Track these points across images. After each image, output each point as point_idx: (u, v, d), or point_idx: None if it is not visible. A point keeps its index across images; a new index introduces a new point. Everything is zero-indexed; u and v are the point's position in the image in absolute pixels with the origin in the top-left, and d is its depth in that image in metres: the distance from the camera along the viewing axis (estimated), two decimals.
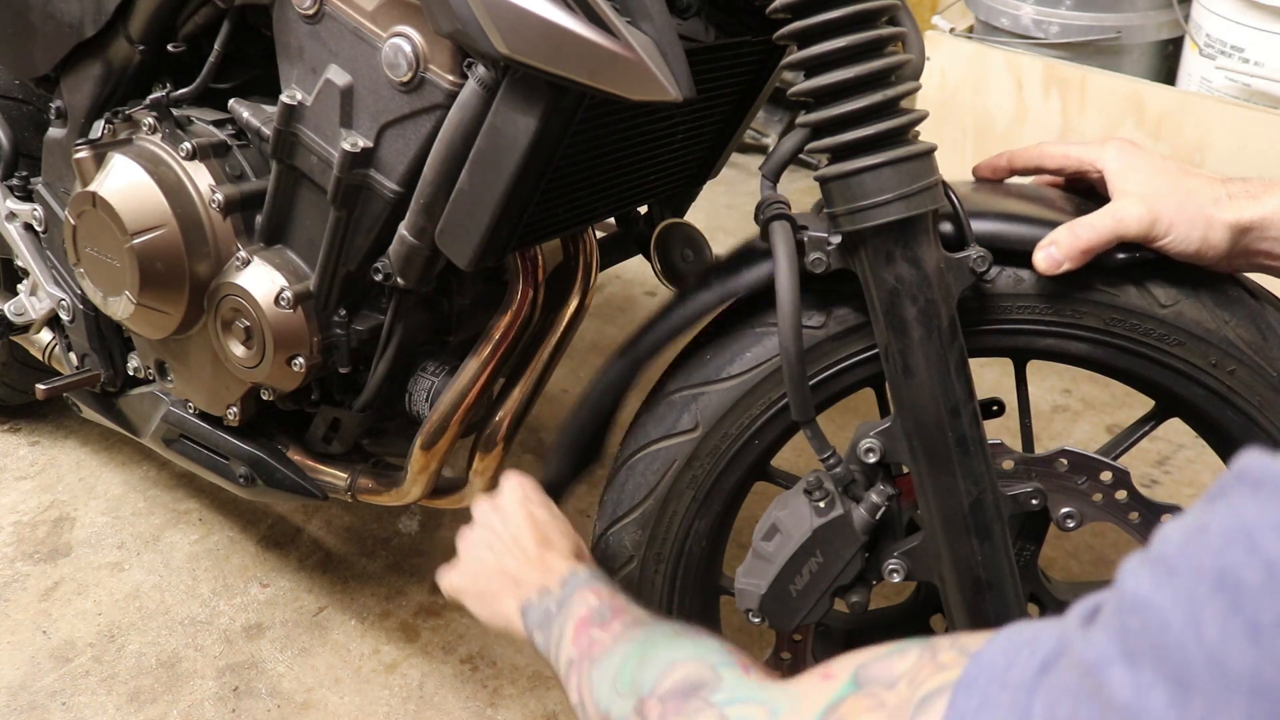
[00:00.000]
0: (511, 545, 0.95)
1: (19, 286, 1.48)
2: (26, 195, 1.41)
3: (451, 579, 0.99)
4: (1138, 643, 0.37)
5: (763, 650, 1.15)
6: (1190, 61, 2.09)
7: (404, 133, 1.00)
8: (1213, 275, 0.86)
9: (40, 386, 1.37)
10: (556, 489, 1.05)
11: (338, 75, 1.01)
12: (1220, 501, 0.37)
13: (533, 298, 1.14)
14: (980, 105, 2.22)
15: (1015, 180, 0.97)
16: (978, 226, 0.86)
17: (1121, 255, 0.84)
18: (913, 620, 1.08)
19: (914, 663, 0.56)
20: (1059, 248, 0.83)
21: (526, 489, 1.01)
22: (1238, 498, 0.36)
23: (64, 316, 1.40)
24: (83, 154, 1.22)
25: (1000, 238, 0.86)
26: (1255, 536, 0.35)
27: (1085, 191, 0.93)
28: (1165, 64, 2.21)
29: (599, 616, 0.82)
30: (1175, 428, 1.36)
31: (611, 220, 1.39)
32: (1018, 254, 0.86)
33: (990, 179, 0.97)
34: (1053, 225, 0.84)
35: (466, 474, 1.21)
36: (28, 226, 1.42)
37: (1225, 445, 0.93)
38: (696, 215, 1.39)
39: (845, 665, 0.60)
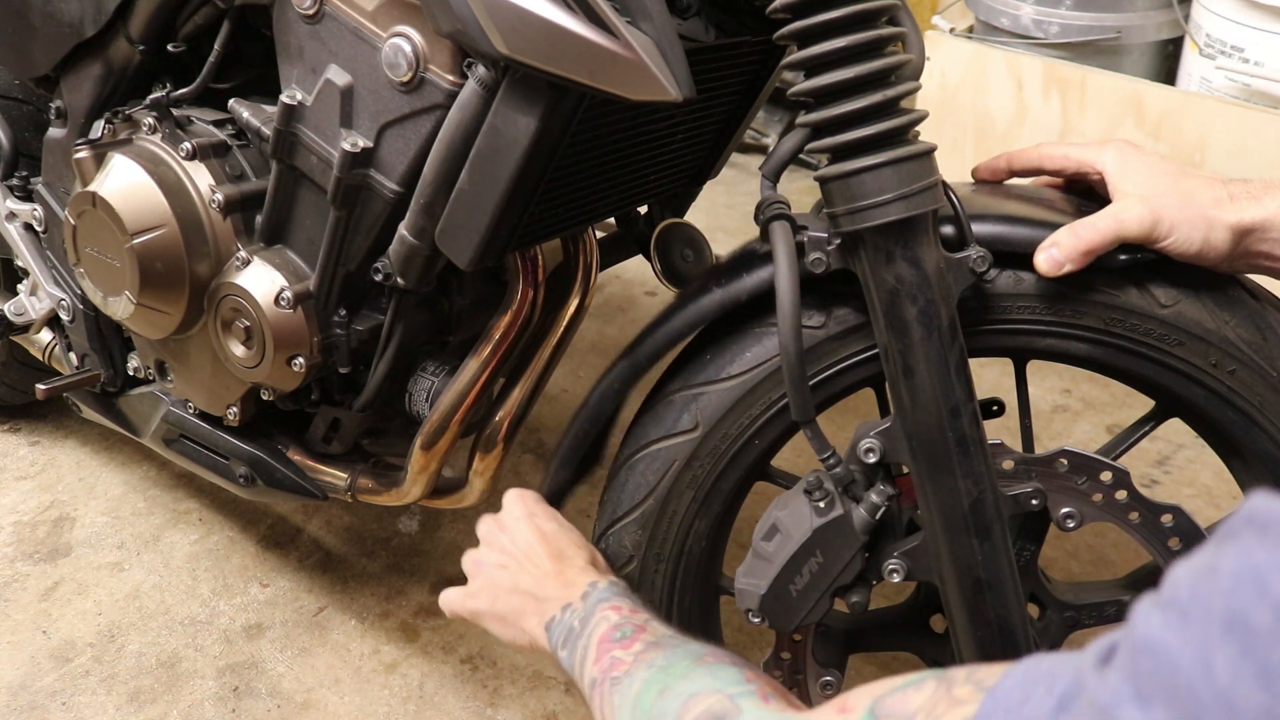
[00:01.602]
0: (525, 562, 0.93)
1: (19, 286, 1.48)
2: (26, 195, 1.42)
3: (466, 602, 0.96)
4: (1150, 685, 0.37)
5: (763, 650, 1.15)
6: (1190, 61, 2.09)
7: (404, 133, 1.00)
8: (1213, 276, 0.86)
9: (40, 386, 1.37)
10: (557, 497, 1.04)
11: (338, 75, 1.01)
12: (1230, 543, 0.38)
13: (533, 298, 1.14)
14: (980, 105, 2.22)
15: (1015, 182, 0.97)
16: (978, 229, 0.86)
17: (1123, 256, 0.84)
18: (913, 620, 1.08)
19: (929, 696, 0.56)
20: (1060, 249, 0.83)
21: (529, 503, 0.99)
22: (1247, 540, 0.37)
23: (64, 316, 1.40)
24: (83, 154, 1.22)
25: (1001, 240, 0.86)
26: (1265, 579, 0.35)
27: (1084, 193, 0.93)
28: (1165, 64, 2.21)
29: (621, 634, 0.81)
30: (1175, 428, 1.36)
31: (611, 220, 1.39)
32: (1019, 256, 0.86)
33: (990, 181, 0.97)
34: (1054, 227, 0.84)
35: (466, 474, 1.21)
36: (28, 226, 1.42)
37: (1225, 445, 0.93)
38: (696, 215, 1.39)
39: (861, 698, 0.61)
